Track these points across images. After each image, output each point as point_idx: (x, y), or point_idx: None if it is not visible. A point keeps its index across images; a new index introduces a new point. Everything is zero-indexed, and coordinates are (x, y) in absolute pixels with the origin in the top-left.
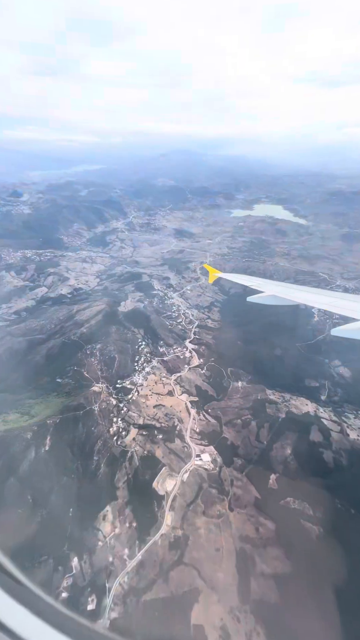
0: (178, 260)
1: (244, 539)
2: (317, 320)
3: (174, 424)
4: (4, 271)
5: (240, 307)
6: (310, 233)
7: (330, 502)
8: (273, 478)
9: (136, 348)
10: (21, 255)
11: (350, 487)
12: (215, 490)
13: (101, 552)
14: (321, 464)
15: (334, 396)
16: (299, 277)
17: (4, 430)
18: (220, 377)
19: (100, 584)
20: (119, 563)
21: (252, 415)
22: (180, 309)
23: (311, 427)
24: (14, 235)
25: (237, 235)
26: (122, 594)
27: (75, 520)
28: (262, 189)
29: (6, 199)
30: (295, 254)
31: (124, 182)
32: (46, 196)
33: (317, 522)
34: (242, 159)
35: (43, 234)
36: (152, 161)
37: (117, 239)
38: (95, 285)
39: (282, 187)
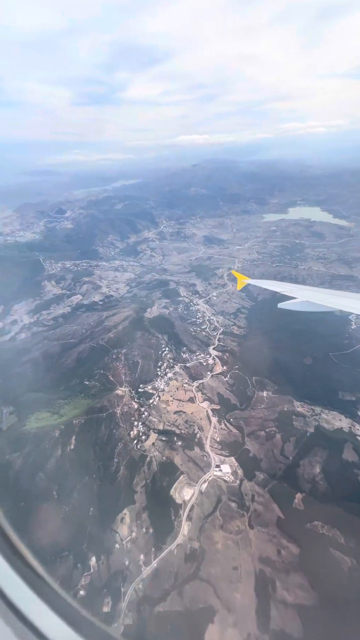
0: (205, 267)
1: (264, 561)
2: (354, 329)
3: (194, 431)
4: (46, 280)
5: (268, 313)
6: (351, 235)
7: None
8: (299, 497)
9: (159, 353)
10: (61, 266)
11: None
12: (234, 504)
13: (118, 554)
14: (356, 487)
15: None
16: (335, 282)
17: (36, 428)
18: (244, 385)
19: (116, 587)
20: (135, 568)
21: (278, 428)
22: (205, 315)
23: (344, 444)
24: (57, 248)
25: (268, 240)
26: (137, 600)
27: (95, 519)
28: (298, 191)
29: (52, 216)
30: (333, 257)
31: (157, 194)
32: (86, 211)
33: (349, 553)
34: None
35: (81, 246)
36: (184, 172)
37: (148, 248)
38: (125, 293)
39: (320, 188)
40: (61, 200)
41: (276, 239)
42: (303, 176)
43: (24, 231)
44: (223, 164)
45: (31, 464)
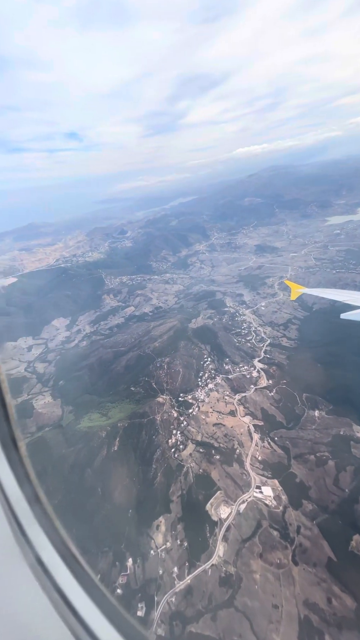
0: (255, 277)
1: (310, 607)
2: None
3: (233, 446)
4: (106, 294)
5: (324, 324)
6: None
7: None
8: (357, 540)
9: (201, 364)
10: (119, 281)
11: None
12: (276, 533)
13: (153, 561)
14: None
15: None
16: None
17: (87, 427)
18: (292, 402)
19: (150, 594)
20: (168, 579)
21: (331, 454)
22: (252, 326)
23: None
24: (117, 265)
25: (330, 244)
26: (169, 613)
27: (133, 522)
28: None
29: (115, 237)
30: None
31: (210, 207)
32: (144, 230)
33: None
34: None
35: (137, 261)
36: (239, 184)
37: (197, 260)
38: (173, 304)
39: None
40: (124, 222)
41: (340, 243)
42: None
43: (92, 252)
44: (282, 170)
45: (82, 460)
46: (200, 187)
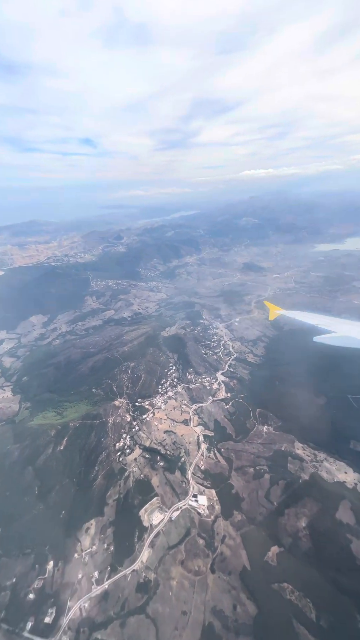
0: (235, 293)
1: (216, 614)
2: None
3: (180, 454)
4: (89, 296)
5: (291, 344)
6: None
7: (347, 615)
8: (274, 551)
9: (165, 371)
10: (104, 284)
11: None
12: (202, 542)
13: (75, 564)
14: (346, 556)
15: None
16: None
17: (38, 425)
18: (245, 416)
19: (64, 599)
20: (86, 584)
21: (269, 468)
22: (222, 339)
23: (341, 501)
24: (107, 268)
25: (312, 269)
26: (79, 620)
27: (63, 523)
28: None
29: (110, 241)
30: None
31: (208, 223)
32: (139, 238)
33: (318, 634)
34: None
35: (127, 267)
36: (240, 204)
37: (185, 272)
38: (154, 311)
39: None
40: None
41: (321, 269)
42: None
43: (84, 253)
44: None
45: (25, 457)
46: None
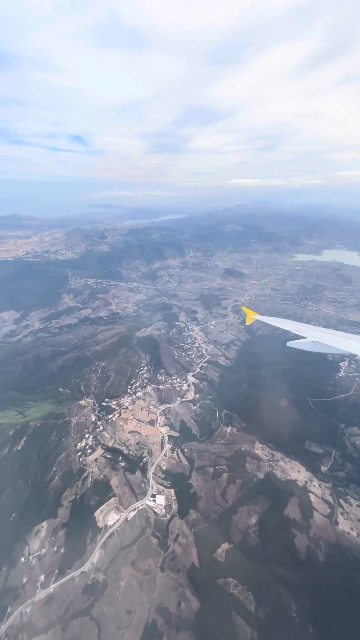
0: (214, 297)
1: (161, 610)
2: (342, 376)
3: (142, 454)
4: (66, 294)
5: (262, 349)
6: None
7: (284, 604)
8: (223, 548)
9: (136, 372)
10: (83, 282)
11: (319, 595)
12: (156, 541)
13: (20, 569)
14: (290, 550)
15: (339, 471)
16: (341, 327)
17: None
18: (211, 417)
19: (4, 605)
20: (31, 588)
21: (228, 467)
22: (196, 342)
23: (290, 499)
24: (88, 267)
25: (289, 278)
26: (18, 626)
27: (13, 526)
28: (339, 235)
29: (94, 240)
30: (352, 302)
31: (194, 227)
32: (124, 238)
33: (255, 624)
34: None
35: (109, 267)
36: (227, 211)
37: (167, 274)
38: (131, 312)
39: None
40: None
41: (297, 278)
42: (350, 222)
43: (66, 251)
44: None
45: None
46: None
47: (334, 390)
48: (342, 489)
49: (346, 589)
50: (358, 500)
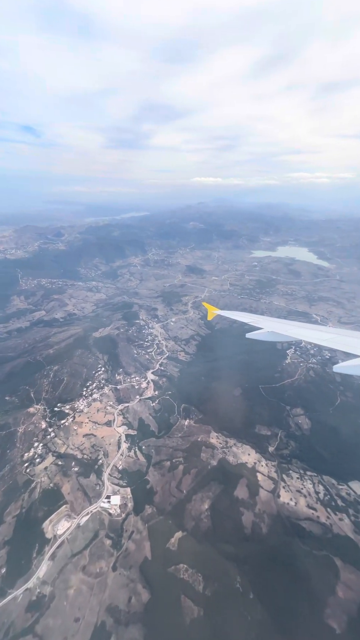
0: (175, 294)
1: (111, 610)
2: (288, 363)
3: (98, 457)
4: (16, 295)
5: (220, 342)
6: (328, 275)
7: (229, 579)
8: (177, 537)
9: (92, 373)
10: (36, 283)
11: (260, 564)
12: (109, 542)
13: None
14: (237, 527)
15: (284, 449)
16: (290, 317)
17: None
18: (170, 412)
19: None
20: None
21: (184, 459)
22: (156, 339)
23: (239, 480)
24: (42, 266)
25: (247, 273)
26: None
27: None
28: (292, 232)
29: (49, 238)
30: (300, 294)
31: (157, 225)
32: (82, 236)
33: (201, 602)
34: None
35: (66, 266)
36: (189, 208)
37: (128, 272)
38: (90, 312)
39: (314, 231)
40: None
41: (254, 273)
42: (301, 219)
43: (17, 250)
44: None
45: None
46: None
47: (281, 376)
48: (285, 465)
49: (283, 552)
50: (298, 472)
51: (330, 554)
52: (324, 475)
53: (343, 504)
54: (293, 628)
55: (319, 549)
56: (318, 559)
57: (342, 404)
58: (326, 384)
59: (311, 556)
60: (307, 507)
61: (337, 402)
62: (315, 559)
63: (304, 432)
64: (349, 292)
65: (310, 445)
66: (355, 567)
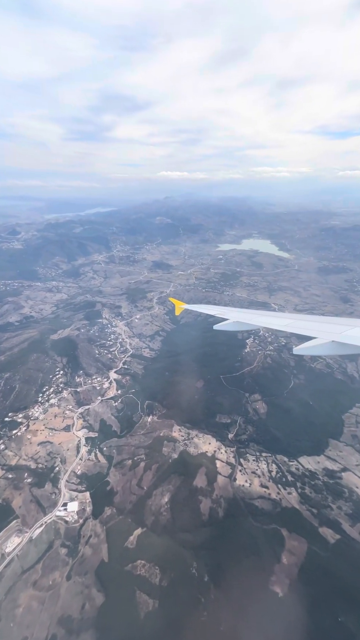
0: (140, 290)
1: (63, 621)
2: (247, 352)
3: (54, 465)
4: None
5: (185, 336)
6: (287, 266)
7: (186, 566)
8: (136, 534)
9: (50, 377)
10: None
11: (215, 547)
12: (65, 550)
13: None
14: (195, 515)
15: (243, 434)
16: (251, 308)
17: None
18: (133, 410)
19: None
20: None
21: (146, 455)
22: (120, 337)
23: (199, 469)
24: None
25: (213, 267)
26: None
27: None
28: (256, 225)
29: (2, 237)
30: (262, 285)
31: (123, 220)
32: (40, 233)
33: (156, 594)
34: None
35: (22, 266)
36: (155, 203)
37: (91, 270)
38: (49, 314)
39: (276, 223)
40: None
41: (219, 267)
42: (265, 212)
43: None
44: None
45: None
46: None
47: (241, 365)
48: (243, 449)
49: (237, 532)
50: (254, 455)
51: (278, 526)
52: (277, 454)
53: (292, 479)
54: (242, 600)
55: (269, 524)
56: (267, 533)
57: (294, 386)
58: (281, 369)
59: (261, 531)
60: (260, 487)
61: (291, 385)
62: (265, 532)
63: (261, 417)
64: (305, 281)
65: (266, 428)
66: (298, 534)
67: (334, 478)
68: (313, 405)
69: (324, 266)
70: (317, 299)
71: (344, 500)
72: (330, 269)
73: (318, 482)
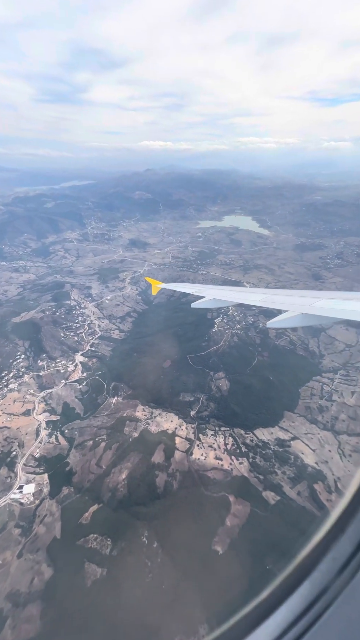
0: (113, 270)
1: (10, 597)
2: (215, 331)
3: (10, 449)
4: None
5: (157, 317)
6: (266, 243)
7: (137, 535)
8: (91, 510)
9: (10, 362)
10: None
11: (167, 516)
12: (18, 530)
13: None
14: (151, 489)
15: (204, 411)
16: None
17: None
18: (98, 392)
19: None
20: None
21: (107, 436)
22: (88, 319)
23: (157, 446)
24: None
25: (191, 245)
26: None
27: None
28: (239, 201)
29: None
30: (238, 263)
31: (99, 195)
32: (7, 208)
33: (105, 563)
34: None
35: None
36: (135, 176)
37: (62, 248)
38: (14, 295)
39: (260, 199)
40: None
41: (198, 245)
42: (249, 187)
43: None
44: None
45: None
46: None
47: (208, 344)
48: (204, 425)
49: (189, 501)
50: (213, 430)
51: (226, 493)
52: (235, 428)
53: (246, 450)
54: (185, 561)
55: (218, 492)
56: (216, 500)
57: (258, 363)
58: (247, 347)
59: (211, 499)
60: (214, 459)
61: (254, 362)
62: (214, 500)
63: (223, 393)
64: (281, 259)
65: (226, 404)
66: (244, 499)
67: (283, 447)
68: (273, 380)
69: (301, 243)
70: (289, 276)
71: (289, 465)
72: (307, 246)
73: (268, 451)
